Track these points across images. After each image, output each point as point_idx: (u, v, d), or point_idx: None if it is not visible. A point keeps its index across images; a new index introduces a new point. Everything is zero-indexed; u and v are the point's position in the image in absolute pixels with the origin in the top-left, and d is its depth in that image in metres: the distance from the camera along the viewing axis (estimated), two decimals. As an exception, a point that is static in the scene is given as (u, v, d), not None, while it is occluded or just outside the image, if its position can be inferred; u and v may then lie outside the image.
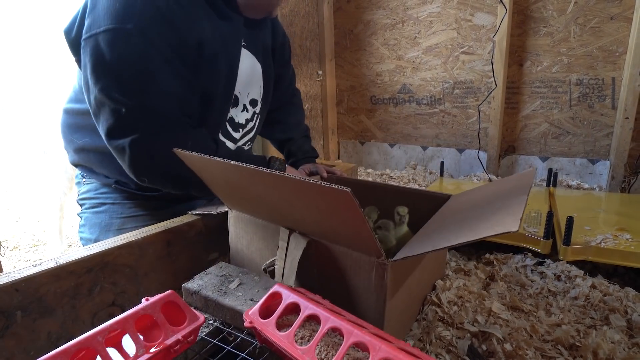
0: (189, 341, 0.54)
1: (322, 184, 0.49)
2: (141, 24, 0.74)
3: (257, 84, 1.05)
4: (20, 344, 0.59)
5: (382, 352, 0.44)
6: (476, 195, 0.83)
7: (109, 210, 0.98)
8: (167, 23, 0.77)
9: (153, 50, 0.76)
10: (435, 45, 2.32)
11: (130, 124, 0.78)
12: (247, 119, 1.06)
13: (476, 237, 0.51)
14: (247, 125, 1.07)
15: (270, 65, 1.09)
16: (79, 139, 0.96)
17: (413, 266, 0.69)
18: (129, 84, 0.76)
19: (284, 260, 0.68)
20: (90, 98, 0.79)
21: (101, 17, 0.74)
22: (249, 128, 1.08)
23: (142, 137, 0.78)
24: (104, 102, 0.77)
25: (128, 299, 0.73)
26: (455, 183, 1.90)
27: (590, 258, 1.00)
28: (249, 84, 1.02)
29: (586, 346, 0.69)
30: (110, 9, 0.73)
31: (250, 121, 1.07)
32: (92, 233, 0.97)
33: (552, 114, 2.10)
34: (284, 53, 1.20)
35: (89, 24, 0.76)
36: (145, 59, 0.76)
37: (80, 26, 0.79)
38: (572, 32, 1.96)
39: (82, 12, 0.79)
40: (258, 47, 1.03)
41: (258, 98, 1.07)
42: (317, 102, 2.65)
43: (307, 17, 2.46)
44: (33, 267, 0.61)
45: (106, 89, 0.76)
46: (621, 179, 1.92)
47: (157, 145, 0.80)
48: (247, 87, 1.01)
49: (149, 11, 0.75)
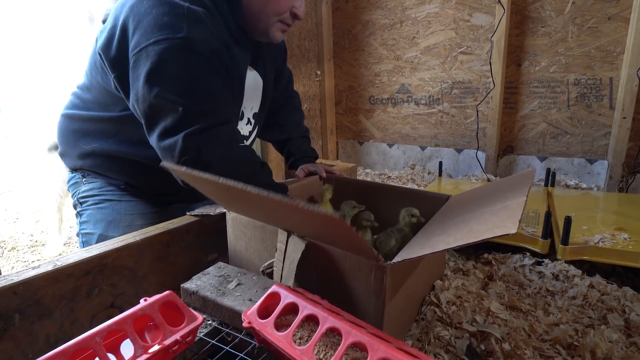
0: (188, 341, 0.54)
1: (314, 210, 0.48)
2: (189, 34, 0.79)
3: (257, 97, 1.10)
4: (19, 346, 0.59)
5: (380, 352, 0.44)
6: (475, 196, 0.83)
7: (114, 207, 0.99)
8: (209, 31, 0.83)
9: (201, 58, 0.82)
10: (434, 45, 2.32)
11: (190, 119, 0.81)
12: (250, 131, 1.11)
13: (475, 239, 0.51)
14: (249, 137, 1.12)
15: (271, 77, 1.13)
16: (86, 144, 0.98)
17: (412, 268, 0.69)
18: (184, 85, 0.80)
19: (283, 262, 0.68)
20: (144, 108, 0.82)
21: (150, 31, 0.78)
22: (250, 140, 1.14)
23: (204, 127, 0.82)
24: (160, 107, 0.80)
25: (127, 300, 0.73)
26: (454, 183, 1.90)
27: (588, 258, 1.01)
28: (251, 98, 1.07)
29: (584, 345, 0.69)
30: (157, 22, 0.78)
31: (252, 133, 1.13)
32: (97, 228, 0.98)
33: (550, 113, 2.11)
34: (283, 57, 1.24)
35: (137, 40, 0.79)
36: (196, 65, 0.82)
37: (121, 43, 0.82)
38: (570, 32, 1.96)
39: (121, 30, 0.82)
40: (263, 61, 1.08)
41: (257, 110, 1.12)
42: (315, 102, 2.66)
43: (306, 17, 2.46)
44: (31, 270, 0.61)
45: (162, 93, 0.79)
46: (619, 179, 1.93)
47: (223, 131, 0.84)
48: (250, 101, 1.06)
49: (193, 21, 0.81)
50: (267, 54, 1.10)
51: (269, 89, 1.14)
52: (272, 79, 1.15)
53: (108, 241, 0.73)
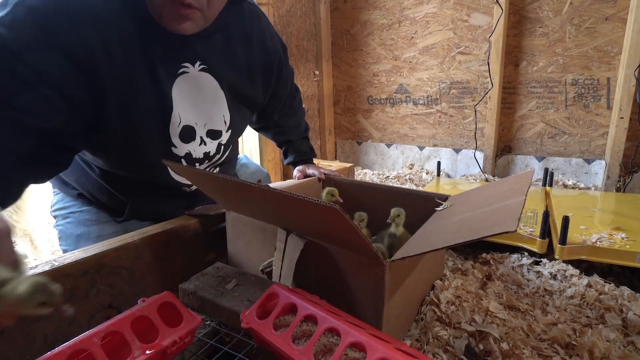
0: (186, 342, 0.54)
1: (311, 200, 0.48)
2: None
3: (218, 111, 0.89)
4: (16, 347, 0.59)
5: (379, 352, 0.44)
6: (474, 196, 0.83)
7: (79, 218, 0.93)
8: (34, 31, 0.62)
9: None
10: (432, 45, 2.33)
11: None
12: (206, 153, 0.90)
13: (474, 237, 0.51)
14: (212, 158, 0.93)
15: (246, 87, 0.94)
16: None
17: (411, 267, 0.69)
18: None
19: (282, 261, 0.68)
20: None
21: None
22: (214, 161, 0.95)
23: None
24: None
25: (125, 300, 0.73)
26: (452, 183, 1.90)
27: (586, 257, 1.01)
28: (204, 113, 0.86)
29: (582, 345, 0.69)
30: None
31: (216, 154, 0.93)
32: (69, 244, 0.93)
33: (548, 114, 2.11)
34: (281, 74, 1.06)
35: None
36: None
37: None
38: (567, 33, 1.97)
39: None
40: (226, 65, 0.87)
41: (222, 128, 0.91)
42: (314, 102, 2.66)
43: (304, 18, 2.46)
44: (29, 270, 0.61)
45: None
46: (616, 179, 1.93)
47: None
48: (202, 116, 0.85)
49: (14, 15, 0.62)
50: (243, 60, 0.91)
51: (241, 101, 0.94)
52: (250, 89, 0.95)
53: (106, 241, 0.73)
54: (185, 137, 0.84)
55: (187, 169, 0.69)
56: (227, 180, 0.59)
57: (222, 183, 0.64)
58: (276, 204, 0.61)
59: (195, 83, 0.83)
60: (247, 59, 0.93)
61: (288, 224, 0.67)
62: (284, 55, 1.07)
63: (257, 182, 0.84)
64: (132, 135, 0.77)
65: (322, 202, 0.48)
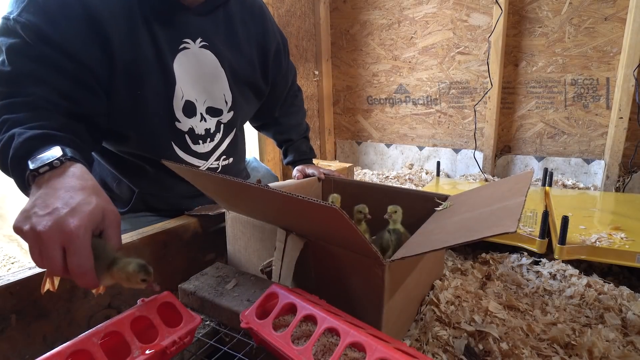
0: (185, 342, 0.54)
1: (310, 200, 0.48)
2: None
3: (218, 89, 0.90)
4: (15, 347, 0.59)
5: (378, 352, 0.44)
6: (474, 196, 0.83)
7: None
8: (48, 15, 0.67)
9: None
10: (431, 45, 2.33)
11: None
12: (207, 129, 0.90)
13: (474, 237, 0.51)
14: (213, 136, 0.93)
15: (246, 68, 0.95)
16: None
17: (411, 267, 0.69)
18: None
19: (281, 261, 0.68)
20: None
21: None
22: (217, 141, 0.94)
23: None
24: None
25: (124, 300, 0.72)
26: (452, 183, 1.90)
27: (586, 257, 1.01)
28: (204, 89, 0.87)
29: (581, 345, 0.69)
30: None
31: (217, 132, 0.93)
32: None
33: (547, 114, 2.11)
34: (280, 63, 1.08)
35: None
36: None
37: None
38: (566, 33, 1.97)
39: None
40: (227, 44, 0.89)
41: (222, 107, 0.92)
42: (313, 102, 2.66)
43: (304, 18, 2.46)
44: (28, 270, 0.61)
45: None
46: (616, 179, 1.93)
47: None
48: (202, 93, 0.87)
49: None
50: (245, 37, 0.92)
51: (243, 79, 0.94)
52: (244, 61, 0.94)
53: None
54: (187, 112, 0.85)
55: (187, 169, 0.69)
56: (227, 180, 0.59)
57: (222, 183, 0.64)
58: (276, 204, 0.61)
59: (196, 59, 0.84)
60: (247, 39, 0.94)
61: (288, 223, 0.67)
62: (283, 47, 1.09)
63: (257, 182, 0.85)
64: (139, 108, 0.79)
65: (322, 202, 0.48)
